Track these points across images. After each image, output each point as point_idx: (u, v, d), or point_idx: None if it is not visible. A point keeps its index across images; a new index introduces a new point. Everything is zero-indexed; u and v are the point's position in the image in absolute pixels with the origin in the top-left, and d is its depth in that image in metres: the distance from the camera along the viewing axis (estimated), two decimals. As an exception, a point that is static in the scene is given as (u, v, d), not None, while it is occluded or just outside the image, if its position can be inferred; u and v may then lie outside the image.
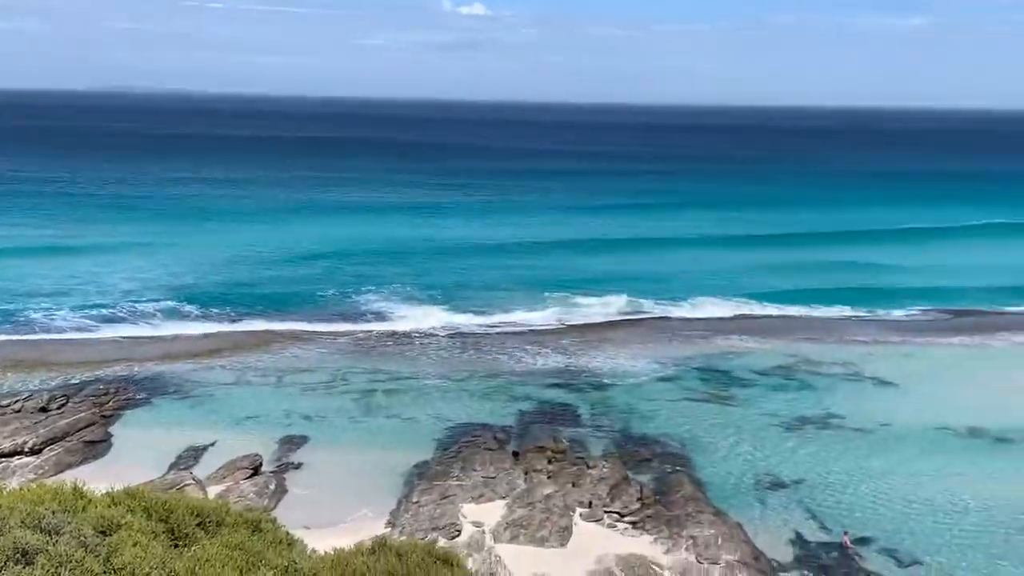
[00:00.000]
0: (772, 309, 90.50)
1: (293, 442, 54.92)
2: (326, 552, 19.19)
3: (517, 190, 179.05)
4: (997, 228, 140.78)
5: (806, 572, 41.54)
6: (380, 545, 19.89)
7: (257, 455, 51.45)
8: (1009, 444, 56.84)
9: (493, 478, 49.43)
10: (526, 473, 50.35)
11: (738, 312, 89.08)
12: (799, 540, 45.04)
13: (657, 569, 41.02)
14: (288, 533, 18.90)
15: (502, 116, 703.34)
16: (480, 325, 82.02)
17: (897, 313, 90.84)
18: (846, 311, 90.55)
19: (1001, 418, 60.41)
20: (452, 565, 19.80)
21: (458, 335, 79.07)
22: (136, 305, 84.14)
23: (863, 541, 44.88)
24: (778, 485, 50.74)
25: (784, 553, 43.90)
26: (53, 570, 13.17)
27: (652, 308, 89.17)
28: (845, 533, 45.16)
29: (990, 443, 56.98)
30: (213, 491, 46.44)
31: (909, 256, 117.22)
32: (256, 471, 50.02)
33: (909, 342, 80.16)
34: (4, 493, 16.02)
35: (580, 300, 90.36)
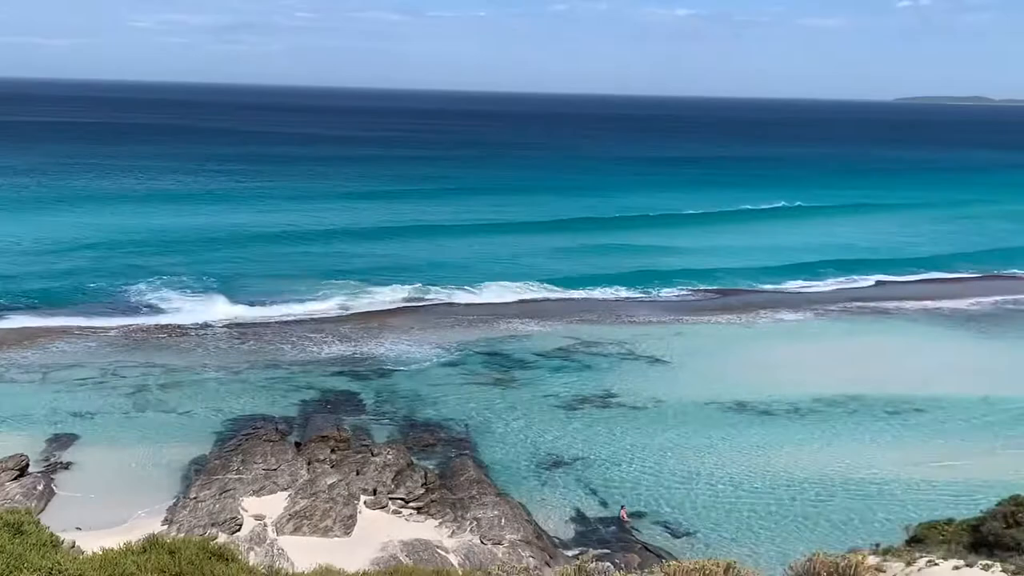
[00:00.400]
0: (553, 292, 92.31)
1: (62, 441, 52.41)
2: (94, 552, 18.36)
3: (295, 176, 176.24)
4: (761, 213, 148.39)
5: (586, 547, 42.60)
6: (152, 543, 19.18)
7: (23, 455, 48.75)
8: (772, 417, 59.89)
9: (275, 470, 48.57)
10: (309, 463, 49.70)
11: (520, 296, 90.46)
12: (579, 517, 46.29)
13: (442, 553, 41.26)
14: (53, 535, 17.95)
15: (277, 101, 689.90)
16: (260, 315, 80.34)
17: (670, 293, 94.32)
18: (622, 292, 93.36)
19: (765, 392, 63.65)
20: (227, 560, 19.30)
21: (236, 326, 77.20)
22: None
23: (639, 515, 46.50)
24: (559, 464, 51.92)
25: (565, 530, 45.07)
26: None
27: (435, 294, 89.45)
28: (622, 508, 46.66)
29: (755, 416, 59.89)
30: (-27, 496, 43.80)
31: (681, 239, 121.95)
32: (23, 472, 47.47)
33: (681, 321, 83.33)
34: None
35: (363, 287, 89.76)
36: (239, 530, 42.45)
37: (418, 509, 45.45)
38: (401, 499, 46.16)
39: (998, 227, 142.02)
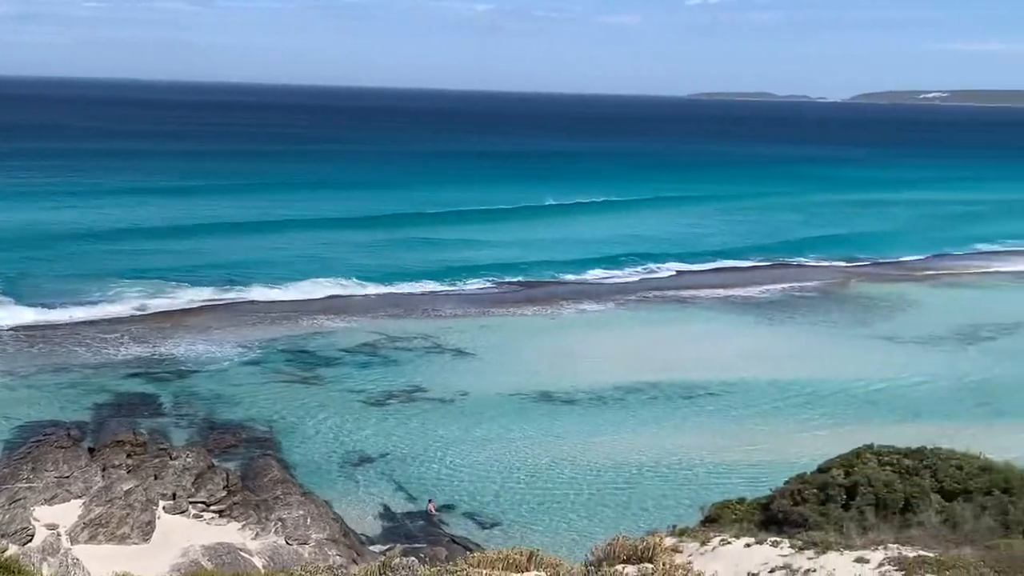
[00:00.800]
0: (359, 288, 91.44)
1: None
2: None
3: (81, 171, 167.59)
4: (565, 207, 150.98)
5: (393, 543, 42.52)
6: (-73, 560, 18.07)
7: None
8: (576, 406, 61.09)
9: (67, 477, 46.49)
10: (104, 469, 47.78)
11: (325, 293, 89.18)
12: (387, 513, 46.18)
13: (246, 555, 40.43)
14: None
15: (65, 92, 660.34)
16: (49, 317, 76.40)
17: (476, 287, 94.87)
18: (428, 286, 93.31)
19: (569, 382, 64.84)
20: (15, 572, 18.38)
21: (24, 328, 73.22)
22: None
23: (447, 508, 46.72)
24: (366, 460, 51.61)
25: (372, 527, 44.90)
26: None
27: (238, 292, 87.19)
28: (430, 501, 46.76)
29: (560, 406, 60.97)
30: None
31: (487, 233, 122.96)
32: None
33: (487, 314, 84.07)
34: None
35: (161, 287, 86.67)
36: (31, 541, 40.50)
37: (220, 512, 44.34)
38: (202, 503, 44.94)
39: (784, 218, 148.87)
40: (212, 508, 44.56)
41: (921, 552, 19.52)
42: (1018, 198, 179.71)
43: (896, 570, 18.39)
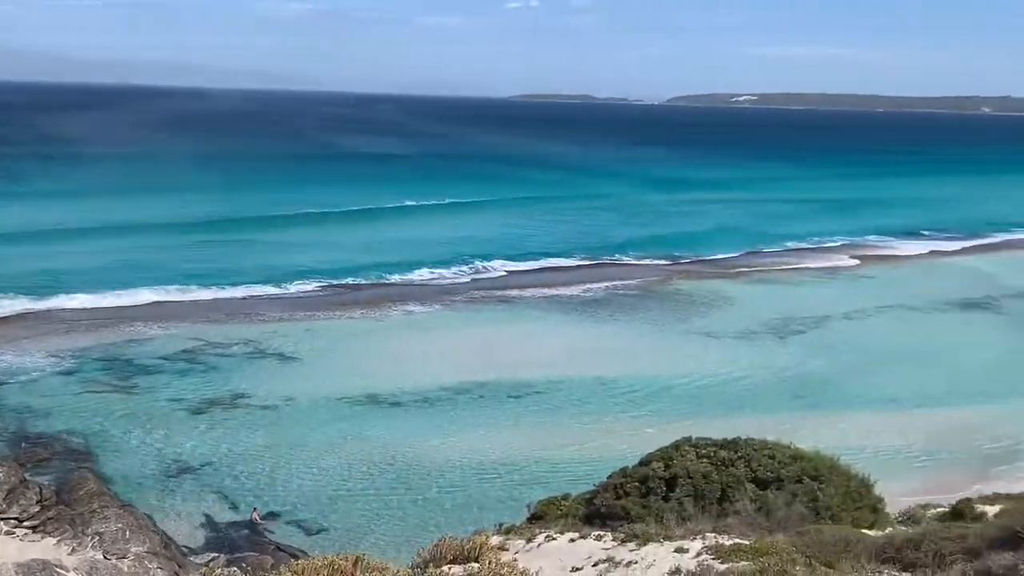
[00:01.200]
0: (180, 294, 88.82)
1: None
2: None
3: None
4: (391, 210, 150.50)
5: (217, 553, 41.58)
6: None
7: None
8: (404, 408, 60.90)
9: None
10: (-96, 490, 45.15)
11: (144, 299, 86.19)
12: (210, 523, 45.10)
13: (62, 572, 38.76)
14: None
15: None
16: None
17: (301, 289, 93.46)
18: (252, 290, 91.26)
19: (396, 384, 64.58)
20: None
21: None
22: None
23: (273, 515, 45.95)
24: (188, 471, 50.29)
25: (195, 537, 43.78)
26: None
27: (48, 301, 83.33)
28: (255, 510, 45.90)
29: (387, 409, 60.68)
30: None
31: (312, 235, 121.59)
32: None
33: (312, 317, 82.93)
34: None
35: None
36: None
37: (34, 528, 42.39)
38: (14, 519, 42.88)
39: (606, 217, 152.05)
40: (25, 524, 42.58)
41: (737, 540, 20.19)
42: (822, 197, 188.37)
43: (713, 558, 18.96)
